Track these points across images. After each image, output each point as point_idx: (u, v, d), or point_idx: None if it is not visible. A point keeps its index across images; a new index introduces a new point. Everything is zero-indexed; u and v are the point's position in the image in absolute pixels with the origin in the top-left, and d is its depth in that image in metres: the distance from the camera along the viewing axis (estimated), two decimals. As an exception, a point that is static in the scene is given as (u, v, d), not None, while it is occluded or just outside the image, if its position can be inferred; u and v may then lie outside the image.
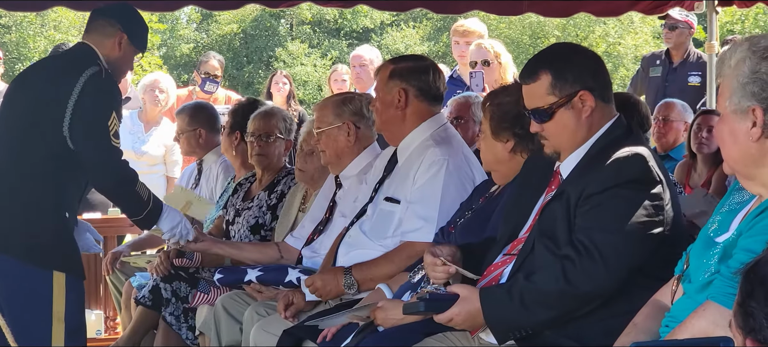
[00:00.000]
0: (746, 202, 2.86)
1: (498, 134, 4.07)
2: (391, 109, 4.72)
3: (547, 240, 3.46)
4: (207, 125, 6.73)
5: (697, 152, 6.75)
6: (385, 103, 4.74)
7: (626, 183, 3.37)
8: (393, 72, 4.74)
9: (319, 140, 5.15)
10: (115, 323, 7.24)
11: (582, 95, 3.53)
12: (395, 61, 4.90)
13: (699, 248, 2.93)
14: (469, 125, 6.24)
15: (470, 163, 4.68)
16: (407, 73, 4.73)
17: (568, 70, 3.55)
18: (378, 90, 4.80)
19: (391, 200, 4.67)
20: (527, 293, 3.37)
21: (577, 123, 3.55)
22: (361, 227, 4.74)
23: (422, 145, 4.66)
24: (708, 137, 6.66)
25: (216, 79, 9.58)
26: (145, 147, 8.74)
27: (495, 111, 4.07)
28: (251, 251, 5.34)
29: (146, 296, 5.78)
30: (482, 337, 3.61)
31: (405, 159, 4.72)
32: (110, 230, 7.36)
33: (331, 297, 4.66)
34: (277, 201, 5.85)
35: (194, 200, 6.27)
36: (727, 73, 2.74)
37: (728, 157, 2.80)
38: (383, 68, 4.85)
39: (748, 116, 2.70)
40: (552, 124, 3.57)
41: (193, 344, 5.75)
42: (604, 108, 3.57)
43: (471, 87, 7.51)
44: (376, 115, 4.82)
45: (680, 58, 9.08)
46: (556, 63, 3.58)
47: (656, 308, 3.06)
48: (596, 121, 3.56)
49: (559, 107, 3.55)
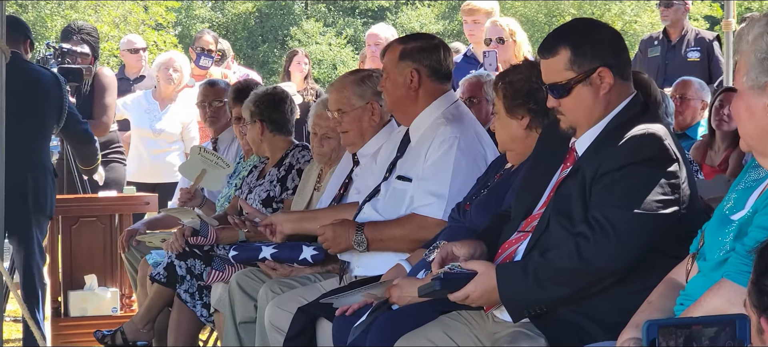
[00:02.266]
0: (762, 179, 2.85)
1: (512, 111, 4.06)
2: (402, 89, 4.70)
3: (562, 218, 3.46)
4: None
5: (717, 128, 6.72)
6: (396, 84, 4.72)
7: (642, 161, 3.36)
8: (403, 52, 4.72)
9: (340, 122, 5.09)
10: (130, 300, 7.27)
11: (601, 71, 3.52)
12: (404, 41, 4.87)
13: (714, 226, 2.92)
14: (483, 104, 6.22)
15: (482, 140, 4.67)
16: (418, 53, 4.70)
17: (588, 46, 3.54)
18: (388, 70, 4.76)
19: (403, 179, 4.67)
20: (542, 270, 3.37)
21: (595, 99, 3.53)
22: (374, 206, 4.74)
23: (434, 123, 4.65)
24: (730, 114, 6.62)
25: (210, 53, 9.58)
26: (161, 125, 8.76)
27: (507, 89, 4.06)
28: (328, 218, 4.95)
29: (161, 273, 5.80)
30: (496, 315, 3.62)
31: (417, 138, 4.71)
32: (126, 208, 7.39)
33: (340, 251, 4.68)
34: (285, 173, 5.88)
35: (210, 167, 6.26)
36: (744, 49, 2.72)
37: (745, 133, 2.78)
38: (392, 49, 4.81)
39: (766, 91, 2.69)
40: (569, 99, 3.56)
41: (208, 321, 5.78)
42: (622, 85, 3.56)
43: (484, 66, 7.50)
44: (386, 95, 4.79)
45: (678, 35, 9.08)
46: (576, 38, 3.57)
47: (671, 286, 3.05)
48: (614, 98, 3.54)
49: (577, 82, 3.53)
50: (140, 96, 8.94)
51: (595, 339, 3.26)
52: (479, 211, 4.16)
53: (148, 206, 7.47)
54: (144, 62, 9.98)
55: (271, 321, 4.70)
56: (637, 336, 2.70)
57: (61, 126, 6.60)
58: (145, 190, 8.13)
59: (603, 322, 3.32)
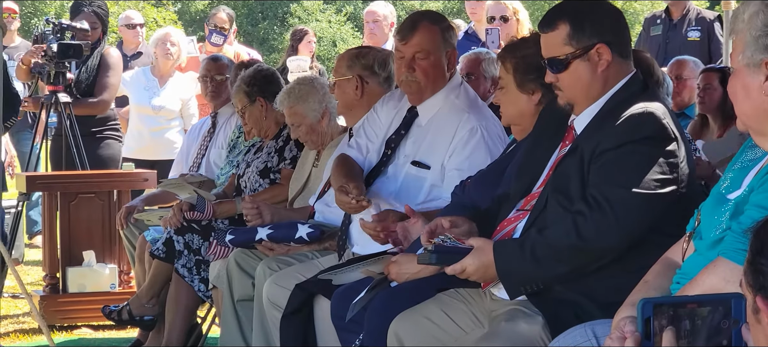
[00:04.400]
0: (759, 159, 2.85)
1: (524, 86, 4.01)
2: (440, 71, 4.69)
3: (560, 196, 3.46)
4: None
5: (702, 110, 6.82)
6: (437, 65, 4.69)
7: (641, 140, 3.36)
8: (444, 32, 4.69)
9: (333, 88, 5.21)
10: (129, 277, 7.28)
11: (599, 47, 3.51)
12: (438, 21, 4.80)
13: (710, 205, 2.92)
14: (480, 81, 6.24)
15: (497, 124, 4.67)
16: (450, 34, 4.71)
17: (587, 22, 3.53)
18: (428, 50, 4.68)
19: (420, 165, 4.64)
20: (539, 247, 3.37)
21: (592, 76, 3.53)
22: (387, 193, 4.70)
23: (449, 109, 4.63)
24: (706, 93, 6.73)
25: (223, 31, 9.55)
26: (161, 102, 8.75)
27: (519, 64, 4.00)
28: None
29: (160, 248, 5.82)
30: (494, 292, 3.62)
31: (429, 121, 4.69)
32: (124, 185, 7.39)
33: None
34: (284, 144, 5.90)
35: (196, 185, 6.28)
36: (740, 27, 2.72)
37: (741, 112, 2.78)
38: (431, 29, 4.71)
39: (761, 69, 2.68)
40: (567, 75, 3.56)
41: (206, 297, 5.79)
42: (621, 63, 3.55)
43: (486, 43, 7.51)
44: (422, 74, 4.69)
45: (680, 14, 9.07)
46: (576, 14, 3.56)
47: (667, 265, 3.05)
48: (612, 76, 3.54)
49: (575, 58, 3.53)
50: (139, 73, 8.92)
51: (593, 317, 3.26)
52: (477, 186, 4.16)
53: (147, 183, 7.47)
54: (141, 38, 9.97)
55: (269, 298, 4.71)
56: (632, 314, 2.70)
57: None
58: (144, 167, 8.14)
59: (600, 301, 3.33)
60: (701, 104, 6.84)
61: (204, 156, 6.82)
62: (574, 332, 3.11)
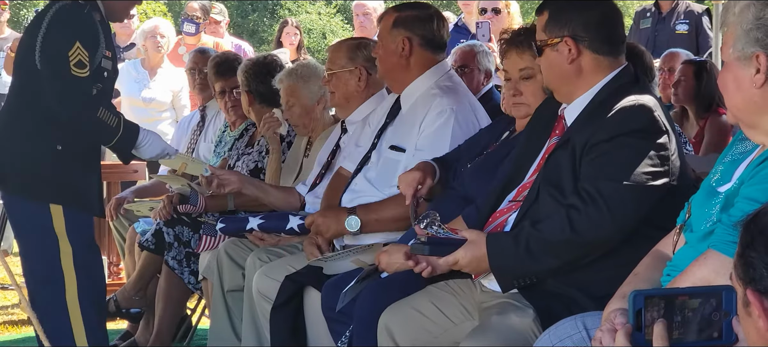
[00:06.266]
0: (749, 152, 2.85)
1: None
2: (394, 57, 4.72)
3: (552, 188, 3.46)
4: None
5: (674, 101, 6.88)
6: (388, 51, 4.74)
7: (632, 133, 3.36)
8: (397, 20, 4.74)
9: (329, 81, 5.18)
10: (118, 268, 7.27)
11: (567, 41, 3.56)
12: (399, 9, 4.89)
13: (701, 197, 2.92)
14: (474, 73, 6.23)
15: (476, 112, 4.69)
16: (411, 22, 4.72)
17: (563, 15, 3.58)
18: (381, 38, 4.81)
19: (396, 149, 4.68)
20: (533, 241, 3.38)
21: (562, 67, 3.58)
22: (365, 175, 4.74)
23: (427, 93, 4.65)
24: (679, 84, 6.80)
25: (196, 20, 9.52)
26: (151, 94, 8.73)
27: None
28: (276, 197, 5.34)
29: (150, 240, 5.81)
30: (485, 284, 3.62)
31: (409, 107, 4.72)
32: (114, 176, 7.37)
33: (332, 236, 4.65)
34: None
35: (189, 161, 6.29)
36: (731, 20, 2.73)
37: (732, 105, 2.79)
38: (387, 16, 4.85)
39: (752, 62, 2.69)
40: (542, 60, 3.66)
41: (196, 288, 5.79)
42: (599, 60, 3.57)
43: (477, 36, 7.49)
44: (379, 62, 4.83)
45: (669, 7, 9.08)
46: (557, 4, 3.62)
47: (658, 257, 3.06)
48: (588, 71, 3.57)
49: (547, 46, 3.60)
50: (130, 65, 8.89)
51: (585, 310, 3.26)
52: (472, 178, 4.16)
53: (137, 174, 7.46)
54: (133, 29, 9.93)
55: (258, 289, 4.71)
56: (623, 306, 2.71)
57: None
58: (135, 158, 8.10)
59: (592, 293, 3.33)
60: (675, 96, 6.89)
61: (193, 150, 6.82)
62: (564, 324, 3.11)
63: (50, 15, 4.83)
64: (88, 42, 4.83)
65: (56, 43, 4.79)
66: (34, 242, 4.88)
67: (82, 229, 4.93)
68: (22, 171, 4.87)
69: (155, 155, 5.14)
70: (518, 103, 4.09)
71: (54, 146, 4.85)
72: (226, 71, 6.30)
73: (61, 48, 4.77)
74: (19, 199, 4.88)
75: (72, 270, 4.87)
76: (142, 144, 5.07)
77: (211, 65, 6.52)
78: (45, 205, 4.84)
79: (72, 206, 4.89)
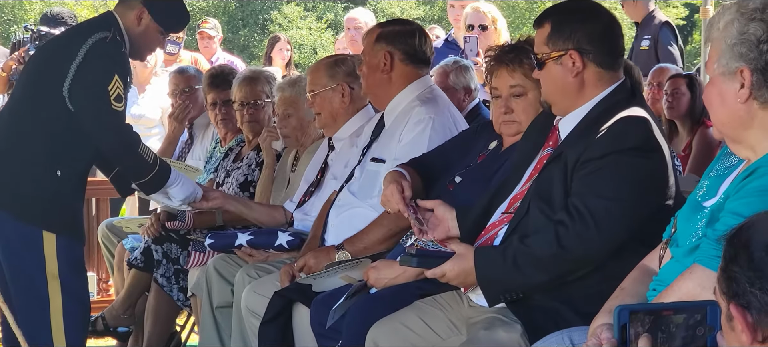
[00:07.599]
0: (734, 167, 2.86)
1: None
2: (377, 72, 4.75)
3: (542, 203, 3.46)
4: None
5: (669, 115, 6.90)
6: (371, 66, 4.78)
7: (625, 150, 3.35)
8: (379, 36, 4.79)
9: (313, 102, 5.18)
10: (107, 285, 7.25)
11: (572, 54, 3.53)
12: (382, 26, 4.94)
13: (687, 212, 2.93)
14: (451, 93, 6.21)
15: (456, 121, 4.72)
16: (393, 37, 4.76)
17: (567, 27, 3.55)
18: (365, 54, 4.84)
19: (377, 160, 4.69)
20: (521, 255, 3.38)
21: (565, 81, 3.55)
22: (349, 189, 4.76)
23: (408, 106, 4.70)
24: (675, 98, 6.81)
25: (177, 40, 9.53)
26: (141, 111, 8.71)
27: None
28: (260, 213, 5.36)
29: (138, 258, 5.80)
30: (472, 299, 3.62)
31: (391, 121, 4.75)
32: (103, 193, 7.36)
33: None
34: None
35: (184, 169, 6.29)
36: (715, 36, 2.74)
37: (717, 120, 2.80)
38: (370, 33, 4.90)
39: (736, 77, 2.70)
40: (543, 74, 3.62)
41: (185, 305, 5.78)
42: (601, 73, 3.55)
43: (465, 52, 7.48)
44: (363, 79, 4.86)
45: (640, 20, 8.99)
46: (559, 16, 3.60)
47: (644, 272, 3.07)
48: (590, 84, 3.55)
49: (549, 59, 3.57)
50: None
51: (572, 324, 3.26)
52: (466, 190, 4.15)
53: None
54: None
55: (247, 305, 4.70)
56: (608, 321, 2.71)
57: None
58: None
59: (579, 309, 3.33)
60: (670, 109, 6.90)
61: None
62: (551, 338, 3.11)
63: (89, 47, 4.81)
64: (123, 78, 4.86)
65: (96, 75, 4.79)
66: (21, 263, 4.86)
67: (71, 256, 4.92)
68: (20, 191, 4.85)
69: (185, 197, 5.11)
70: (509, 120, 4.08)
71: (54, 171, 4.85)
72: (220, 83, 6.32)
73: (100, 81, 4.78)
74: (12, 218, 4.86)
75: (58, 297, 4.86)
76: (172, 184, 5.05)
77: (206, 76, 6.55)
78: (38, 230, 4.83)
79: (64, 234, 4.88)
